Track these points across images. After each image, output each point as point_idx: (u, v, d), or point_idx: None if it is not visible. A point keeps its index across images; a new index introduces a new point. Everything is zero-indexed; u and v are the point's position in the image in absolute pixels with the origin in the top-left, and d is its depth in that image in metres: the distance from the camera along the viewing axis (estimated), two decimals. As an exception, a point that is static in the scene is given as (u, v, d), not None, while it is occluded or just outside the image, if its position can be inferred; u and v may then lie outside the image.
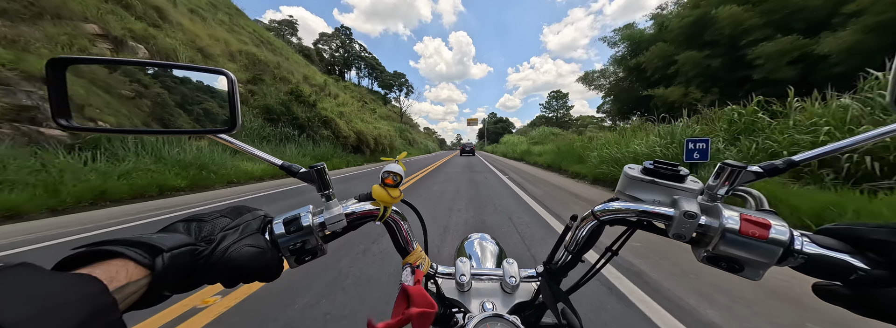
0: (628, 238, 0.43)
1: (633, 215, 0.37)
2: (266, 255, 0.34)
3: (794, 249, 0.29)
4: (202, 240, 0.31)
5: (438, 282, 0.53)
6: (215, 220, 0.34)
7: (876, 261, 0.27)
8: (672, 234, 0.34)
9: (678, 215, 0.33)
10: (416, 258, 0.49)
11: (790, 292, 1.92)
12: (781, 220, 0.30)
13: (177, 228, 0.32)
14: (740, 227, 0.30)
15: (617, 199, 0.40)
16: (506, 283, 0.49)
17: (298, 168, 0.43)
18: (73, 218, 4.20)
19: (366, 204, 0.43)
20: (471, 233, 0.86)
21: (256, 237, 0.34)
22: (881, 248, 0.27)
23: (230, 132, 0.43)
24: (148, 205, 5.14)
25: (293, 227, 0.37)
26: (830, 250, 0.29)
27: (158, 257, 0.26)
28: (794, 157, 0.32)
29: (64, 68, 0.37)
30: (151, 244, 0.27)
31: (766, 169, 0.33)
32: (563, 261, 0.45)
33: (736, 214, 0.31)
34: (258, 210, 0.39)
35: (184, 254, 0.28)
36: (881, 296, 0.25)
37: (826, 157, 0.32)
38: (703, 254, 0.33)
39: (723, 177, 0.33)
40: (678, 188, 0.37)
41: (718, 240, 0.31)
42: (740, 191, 0.36)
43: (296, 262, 0.38)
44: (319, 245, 0.39)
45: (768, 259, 0.29)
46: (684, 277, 2.18)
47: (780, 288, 1.98)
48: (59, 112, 0.36)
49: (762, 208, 0.33)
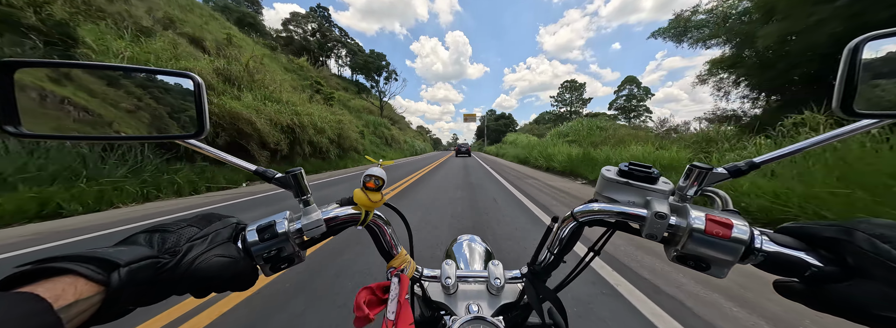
0: (609, 238, 0.44)
1: (610, 216, 0.38)
2: (238, 265, 0.33)
3: (755, 248, 0.30)
4: (166, 251, 0.30)
5: (424, 286, 0.53)
6: (181, 230, 0.33)
7: (827, 258, 0.29)
8: (645, 234, 0.35)
9: (650, 216, 0.34)
10: (401, 262, 0.48)
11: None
12: (743, 220, 0.32)
13: (137, 240, 0.30)
14: (705, 227, 0.31)
15: (596, 201, 0.41)
16: (491, 285, 0.49)
17: (273, 173, 0.42)
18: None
19: (347, 208, 0.42)
20: (460, 235, 0.86)
21: (227, 246, 0.33)
22: (831, 246, 0.28)
23: (198, 137, 0.42)
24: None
25: (267, 235, 0.36)
26: (787, 248, 0.30)
27: (114, 272, 0.25)
28: (754, 160, 0.34)
29: (11, 72, 0.34)
30: (106, 259, 0.25)
31: (731, 170, 0.34)
32: (546, 261, 0.46)
33: (702, 215, 0.32)
34: (230, 217, 0.38)
35: (144, 268, 0.27)
36: (833, 291, 0.27)
37: (783, 159, 0.33)
38: (673, 254, 0.34)
39: (692, 178, 0.35)
40: (651, 189, 0.38)
41: (686, 239, 0.32)
42: (708, 191, 0.37)
43: (271, 271, 0.37)
44: (296, 252, 0.38)
45: (732, 257, 0.31)
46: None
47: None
48: (6, 118, 0.34)
49: (727, 208, 0.35)
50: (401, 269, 0.47)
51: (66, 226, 3.83)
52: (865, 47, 0.29)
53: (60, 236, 3.38)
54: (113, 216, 4.44)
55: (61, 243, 3.15)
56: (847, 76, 0.29)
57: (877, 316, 0.24)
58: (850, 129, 0.31)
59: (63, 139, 0.39)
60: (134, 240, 0.30)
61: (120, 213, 4.63)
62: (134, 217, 4.34)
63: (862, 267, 0.25)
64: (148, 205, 5.27)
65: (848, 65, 0.29)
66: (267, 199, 5.74)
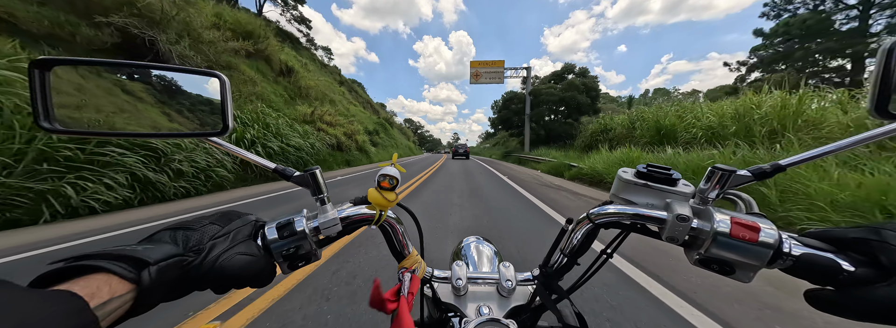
0: (622, 240, 0.43)
1: (627, 218, 0.38)
2: (259, 262, 0.33)
3: (783, 252, 0.30)
4: (191, 249, 0.30)
5: (434, 287, 0.53)
6: (204, 228, 0.33)
7: (859, 260, 0.28)
8: (665, 237, 0.34)
9: (671, 218, 0.34)
10: (412, 262, 0.48)
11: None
12: (771, 223, 0.31)
13: (163, 238, 0.31)
14: (731, 231, 0.31)
15: (611, 203, 0.40)
16: (502, 287, 0.49)
17: (292, 172, 0.42)
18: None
19: (361, 207, 0.42)
20: (467, 236, 0.86)
21: (248, 244, 0.34)
22: (861, 247, 0.27)
23: (222, 135, 0.43)
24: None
25: (287, 232, 0.36)
26: (817, 250, 0.29)
27: (144, 271, 0.26)
28: (780, 162, 0.33)
29: (48, 69, 0.35)
30: (137, 257, 0.26)
31: (755, 173, 0.34)
32: (558, 264, 0.46)
33: (726, 218, 0.31)
34: (249, 215, 0.39)
35: (172, 267, 0.28)
36: (872, 294, 0.25)
37: (812, 161, 0.33)
38: (696, 257, 0.33)
39: (714, 180, 0.34)
40: (671, 191, 0.37)
41: (710, 243, 0.31)
42: (730, 194, 0.37)
43: (289, 268, 0.38)
44: (313, 250, 0.38)
45: (758, 261, 0.30)
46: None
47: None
48: (43, 115, 0.35)
49: (752, 211, 0.34)
50: (412, 270, 0.47)
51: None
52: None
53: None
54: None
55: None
56: (882, 77, 0.29)
57: None
58: (885, 131, 0.30)
59: (94, 135, 0.41)
60: (159, 238, 0.31)
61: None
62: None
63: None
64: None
65: (883, 66, 0.28)
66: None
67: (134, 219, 4.02)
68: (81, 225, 3.71)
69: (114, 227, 3.60)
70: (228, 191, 6.77)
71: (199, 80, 0.43)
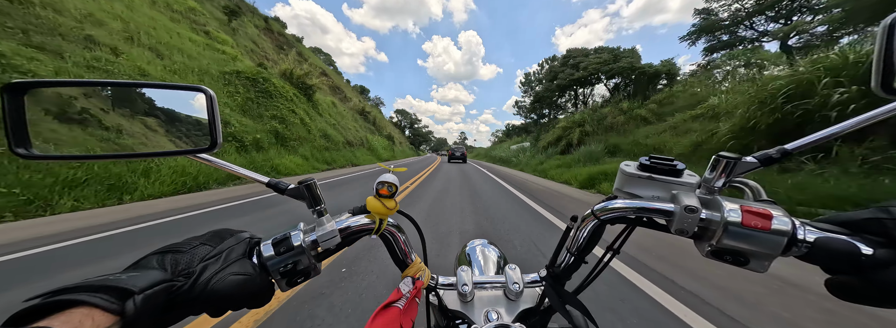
0: (629, 235, 0.43)
1: (633, 212, 0.37)
2: (254, 281, 0.32)
3: (798, 239, 0.29)
4: (180, 273, 0.29)
5: (440, 294, 0.51)
6: (193, 250, 0.32)
7: (875, 241, 0.27)
8: (674, 230, 0.34)
9: (679, 210, 0.33)
10: (416, 270, 0.47)
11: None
12: (782, 210, 0.30)
13: (150, 263, 0.30)
14: (742, 220, 0.30)
15: (615, 197, 0.40)
16: (509, 290, 0.48)
17: (286, 185, 0.41)
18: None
19: (360, 217, 0.41)
20: (471, 240, 0.85)
21: (242, 263, 0.32)
22: (875, 227, 0.27)
23: (211, 151, 0.41)
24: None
25: (283, 248, 0.35)
26: (832, 234, 0.29)
27: (129, 301, 0.24)
28: (786, 146, 0.33)
29: (22, 93, 0.34)
30: (120, 287, 0.24)
31: (761, 159, 0.33)
32: (565, 263, 0.45)
33: (736, 206, 0.31)
34: (242, 232, 0.37)
35: (159, 293, 0.26)
36: (894, 276, 0.25)
37: (818, 144, 0.32)
38: (707, 249, 0.33)
39: (719, 169, 0.34)
40: (675, 183, 0.37)
41: (721, 233, 0.31)
42: (737, 182, 0.36)
43: (287, 285, 0.36)
44: (312, 264, 0.37)
45: (773, 250, 0.29)
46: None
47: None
48: (18, 141, 0.33)
49: (761, 199, 0.33)
50: (416, 278, 0.46)
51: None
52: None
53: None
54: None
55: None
56: (885, 53, 0.28)
57: None
58: (890, 109, 0.29)
59: (73, 160, 0.39)
60: (146, 264, 0.29)
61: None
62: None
63: None
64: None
65: (884, 43, 0.28)
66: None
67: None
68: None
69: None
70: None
71: (186, 96, 0.41)
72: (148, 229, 3.63)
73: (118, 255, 2.74)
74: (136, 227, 3.66)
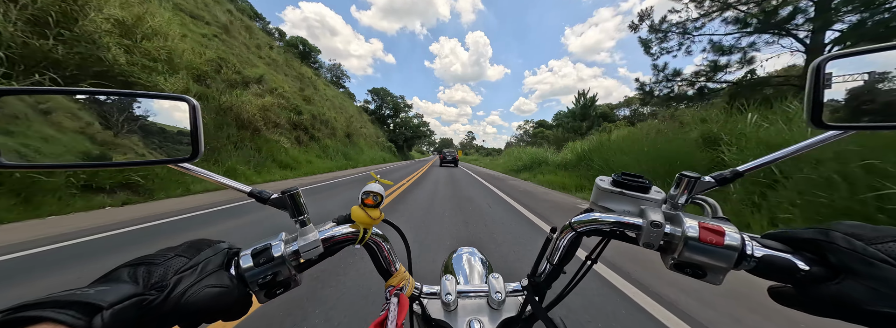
0: (605, 246, 0.45)
1: (607, 226, 0.39)
2: (231, 294, 0.31)
3: (747, 254, 0.32)
4: (152, 287, 0.28)
5: (424, 303, 0.52)
6: (168, 262, 0.31)
7: (812, 259, 0.30)
8: (642, 243, 0.36)
9: (646, 225, 0.35)
10: (400, 280, 0.47)
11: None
12: (734, 227, 0.33)
13: (120, 276, 0.28)
14: (699, 235, 0.32)
15: (592, 210, 0.42)
16: (492, 299, 0.49)
17: (269, 194, 0.41)
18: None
19: (344, 227, 0.42)
20: (458, 248, 0.85)
21: (219, 275, 0.32)
22: (812, 247, 0.30)
23: (192, 161, 0.41)
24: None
25: (263, 259, 0.35)
26: (776, 252, 0.32)
27: (97, 317, 0.23)
28: (738, 168, 0.36)
29: None
30: (87, 302, 0.24)
31: (717, 179, 0.36)
32: (545, 272, 0.46)
33: (695, 223, 0.33)
34: (221, 242, 0.36)
35: (129, 308, 0.25)
36: (824, 291, 0.28)
37: (764, 167, 0.36)
38: (671, 262, 0.35)
39: (682, 186, 0.37)
40: (644, 198, 0.39)
41: (682, 247, 0.33)
42: (698, 199, 0.39)
43: (266, 296, 0.36)
44: (293, 275, 0.37)
45: (726, 264, 0.32)
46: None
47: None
48: None
49: (717, 216, 0.36)
50: (400, 288, 0.46)
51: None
52: (827, 66, 0.32)
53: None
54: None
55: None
56: (814, 92, 0.32)
57: (869, 312, 0.25)
58: (821, 140, 0.34)
59: (45, 168, 0.38)
60: (116, 277, 0.28)
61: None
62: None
63: (843, 264, 0.27)
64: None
65: (813, 82, 0.32)
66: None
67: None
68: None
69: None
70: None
71: (168, 105, 0.41)
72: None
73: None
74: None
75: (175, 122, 0.42)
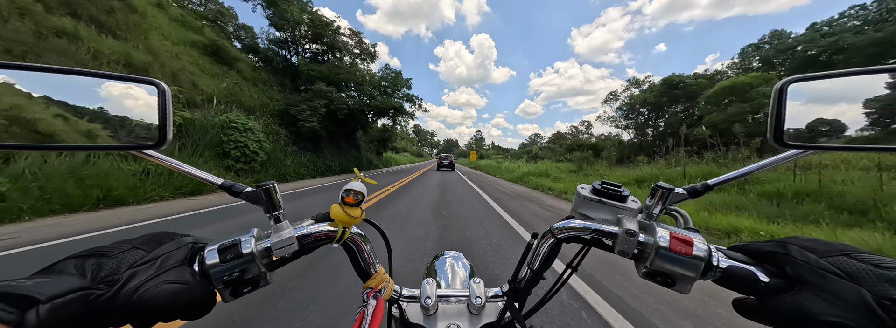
0: (585, 254, 0.45)
1: (587, 233, 0.40)
2: (192, 291, 0.29)
3: (713, 264, 0.33)
4: (101, 281, 0.26)
5: (403, 307, 0.51)
6: (122, 255, 0.29)
7: (772, 271, 0.31)
8: (617, 251, 0.37)
9: (621, 233, 0.36)
10: (379, 282, 0.46)
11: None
12: (702, 238, 0.34)
13: (65, 268, 0.26)
14: (670, 245, 0.33)
15: (572, 218, 0.42)
16: (472, 304, 0.48)
17: (242, 187, 0.39)
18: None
19: (323, 225, 0.40)
20: (443, 251, 0.84)
21: (180, 270, 0.30)
22: (772, 260, 0.31)
23: (158, 148, 0.39)
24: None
25: (230, 255, 0.33)
26: (739, 263, 0.33)
27: (31, 311, 0.21)
28: (708, 182, 0.38)
29: None
30: (21, 294, 0.21)
31: (689, 191, 0.38)
32: (526, 278, 0.46)
33: (666, 233, 0.34)
34: (185, 236, 0.34)
35: (72, 303, 0.23)
36: (783, 303, 0.29)
37: (733, 181, 0.37)
38: (643, 270, 0.36)
39: (656, 197, 0.38)
40: (621, 207, 0.40)
41: (654, 256, 0.34)
42: (671, 210, 0.40)
43: (231, 295, 0.34)
44: (262, 273, 0.35)
45: (694, 273, 0.33)
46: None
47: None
48: None
49: (688, 227, 0.38)
50: (378, 290, 0.45)
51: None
52: (789, 88, 0.35)
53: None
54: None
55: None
56: (776, 112, 0.34)
57: (823, 322, 0.25)
58: (782, 157, 0.36)
59: (3, 148, 0.34)
60: (61, 269, 0.26)
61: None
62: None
63: (799, 276, 0.28)
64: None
65: (776, 103, 0.34)
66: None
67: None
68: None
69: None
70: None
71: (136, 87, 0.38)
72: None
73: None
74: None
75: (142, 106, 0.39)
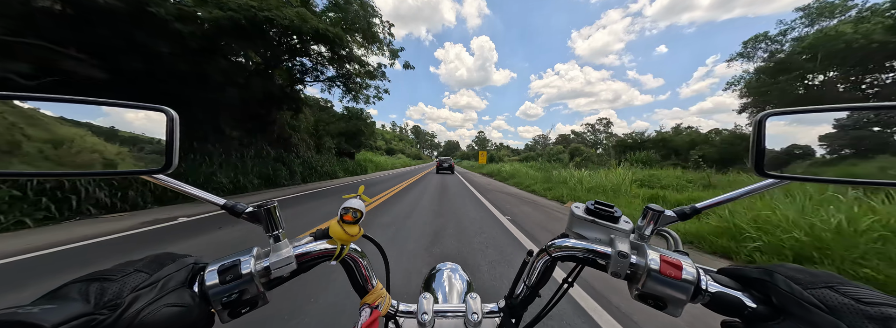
0: (580, 271, 0.46)
1: (580, 252, 0.40)
2: (191, 314, 0.29)
3: (702, 288, 0.33)
4: (105, 305, 0.26)
5: (400, 322, 0.51)
6: (125, 278, 0.29)
7: (759, 298, 0.32)
8: (610, 272, 0.37)
9: (614, 254, 0.36)
10: (376, 297, 0.47)
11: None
12: (691, 261, 0.35)
13: (69, 293, 0.27)
14: (660, 268, 0.34)
15: (567, 236, 0.43)
16: (468, 320, 0.48)
17: (244, 208, 0.40)
18: None
19: (321, 242, 0.41)
20: (440, 264, 0.83)
21: (180, 293, 0.30)
22: (760, 287, 0.32)
23: (165, 172, 0.40)
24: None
25: (230, 276, 0.33)
26: (728, 289, 0.33)
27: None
28: (696, 205, 0.39)
29: None
30: (27, 322, 0.22)
31: (679, 213, 0.39)
32: (522, 294, 0.47)
33: (657, 256, 0.35)
34: (186, 257, 0.35)
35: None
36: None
37: (718, 206, 0.38)
38: (635, 292, 0.36)
39: (647, 218, 0.38)
40: (613, 228, 0.40)
41: (645, 278, 0.34)
42: (663, 231, 0.41)
43: (229, 316, 0.34)
44: (260, 293, 0.35)
45: (684, 296, 0.33)
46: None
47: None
48: None
49: (678, 249, 0.38)
50: (375, 305, 0.45)
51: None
52: (767, 121, 0.36)
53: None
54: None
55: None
56: (756, 143, 0.35)
57: None
58: (762, 186, 0.37)
59: (12, 177, 0.36)
60: (65, 294, 0.27)
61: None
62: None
63: (783, 306, 0.28)
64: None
65: (755, 135, 0.35)
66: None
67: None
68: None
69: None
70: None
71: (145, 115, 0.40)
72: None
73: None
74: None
75: (151, 132, 0.41)
